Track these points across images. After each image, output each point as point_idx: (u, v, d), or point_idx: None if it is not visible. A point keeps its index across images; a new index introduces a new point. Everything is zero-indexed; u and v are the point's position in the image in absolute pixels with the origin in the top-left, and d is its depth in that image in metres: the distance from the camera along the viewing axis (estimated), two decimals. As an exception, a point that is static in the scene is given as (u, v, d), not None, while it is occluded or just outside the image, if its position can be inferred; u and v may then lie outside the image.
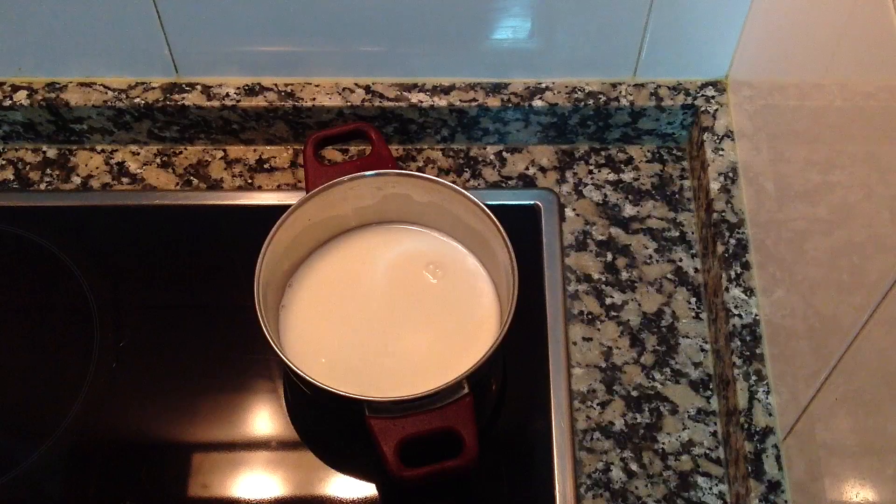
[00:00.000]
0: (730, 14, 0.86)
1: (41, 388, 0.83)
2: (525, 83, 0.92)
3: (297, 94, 0.92)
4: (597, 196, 0.92)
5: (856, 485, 0.63)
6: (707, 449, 0.80)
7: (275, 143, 0.96)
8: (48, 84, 0.93)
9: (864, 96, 0.63)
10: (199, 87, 0.92)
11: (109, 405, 0.82)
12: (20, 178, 0.94)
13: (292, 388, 0.82)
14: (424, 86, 0.92)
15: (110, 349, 0.84)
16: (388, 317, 0.81)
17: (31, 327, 0.86)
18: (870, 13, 0.61)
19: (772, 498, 0.73)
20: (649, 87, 0.92)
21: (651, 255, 0.89)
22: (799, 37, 0.75)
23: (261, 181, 0.94)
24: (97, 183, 0.94)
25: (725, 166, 0.87)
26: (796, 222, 0.74)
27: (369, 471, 0.78)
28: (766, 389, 0.77)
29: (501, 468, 0.79)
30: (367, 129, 0.83)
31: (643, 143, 0.95)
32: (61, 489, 0.79)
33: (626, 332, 0.85)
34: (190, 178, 0.94)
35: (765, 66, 0.83)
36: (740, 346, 0.78)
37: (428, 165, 0.94)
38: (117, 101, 0.92)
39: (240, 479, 0.78)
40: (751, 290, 0.81)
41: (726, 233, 0.84)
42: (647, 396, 0.82)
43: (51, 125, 0.94)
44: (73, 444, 0.80)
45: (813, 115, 0.71)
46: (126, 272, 0.89)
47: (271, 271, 0.77)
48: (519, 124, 0.93)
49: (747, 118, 0.86)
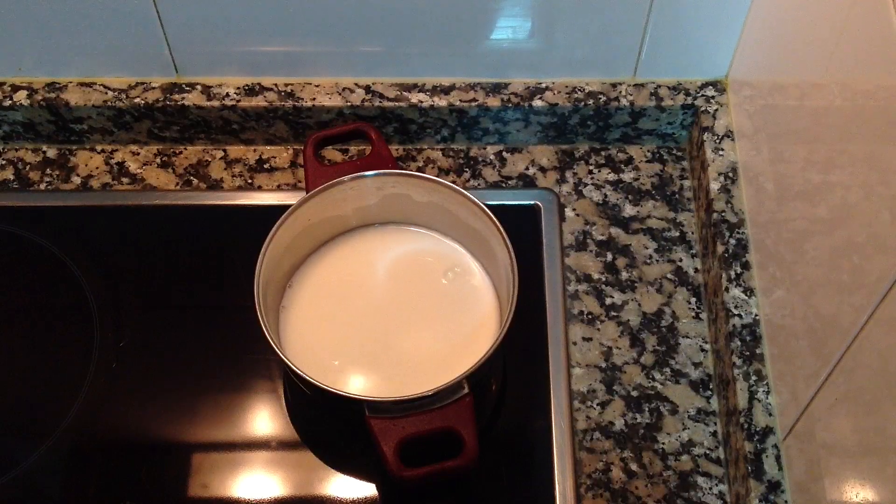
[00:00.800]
0: (730, 14, 0.86)
1: (41, 388, 0.83)
2: (525, 83, 0.92)
3: (297, 94, 0.92)
4: (597, 196, 0.92)
5: (856, 485, 0.63)
6: (707, 449, 0.80)
7: (275, 143, 0.96)
8: (48, 84, 0.93)
9: (864, 96, 0.63)
10: (199, 87, 0.92)
11: (109, 405, 0.82)
12: (20, 178, 0.94)
13: (292, 388, 0.82)
14: (424, 86, 0.92)
15: (110, 349, 0.84)
16: (388, 317, 0.81)
17: (31, 327, 0.86)
18: (870, 13, 0.61)
19: (772, 498, 0.73)
20: (649, 87, 0.92)
21: (651, 255, 0.89)
22: (799, 37, 0.75)
23: (261, 181, 0.94)
24: (97, 183, 0.94)
25: (725, 166, 0.87)
26: (796, 222, 0.74)
27: (369, 471, 0.78)
28: (766, 389, 0.77)
29: (501, 468, 0.79)
30: (367, 129, 0.83)
31: (643, 143, 0.95)
32: (61, 489, 0.79)
33: (626, 332, 0.85)
34: (190, 178, 0.94)
35: (765, 66, 0.83)
36: (740, 346, 0.78)
37: (428, 165, 0.94)
38: (117, 101, 0.92)
39: (240, 479, 0.78)
40: (751, 290, 0.81)
41: (726, 233, 0.84)
42: (647, 396, 0.82)
43: (51, 125, 0.94)
44: (73, 444, 0.80)
45: (813, 115, 0.71)
46: (126, 272, 0.89)
47: (271, 271, 0.77)
48: (519, 124, 0.93)
49: (747, 118, 0.86)
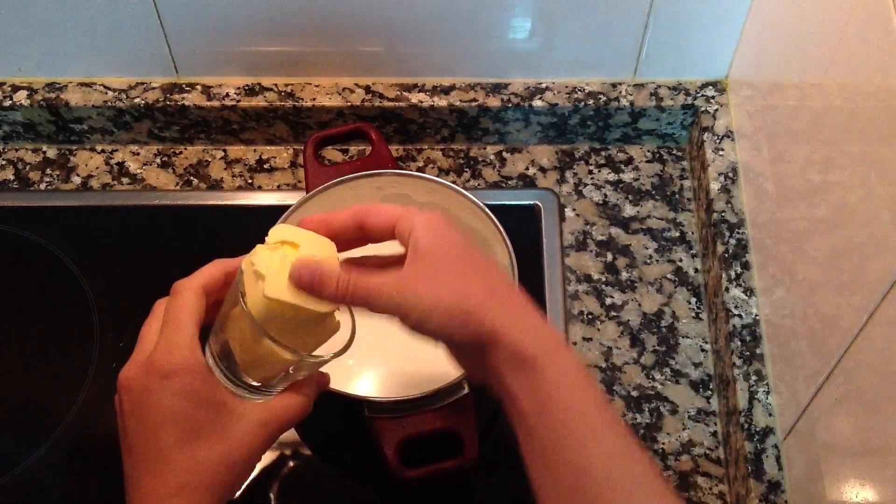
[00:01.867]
0: (730, 14, 0.86)
1: (41, 388, 0.83)
2: (525, 83, 0.92)
3: (297, 94, 0.92)
4: (597, 196, 0.92)
5: (856, 485, 0.63)
6: (707, 449, 0.80)
7: (275, 143, 0.96)
8: (48, 84, 0.93)
9: (864, 96, 0.63)
10: (199, 87, 0.92)
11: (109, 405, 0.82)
12: (20, 178, 0.94)
13: (292, 388, 0.82)
14: (424, 86, 0.92)
15: (110, 349, 0.84)
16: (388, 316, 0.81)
17: (31, 327, 0.86)
18: (870, 13, 0.61)
19: (772, 498, 0.73)
20: (649, 87, 0.92)
21: (651, 255, 0.89)
22: (799, 37, 0.75)
23: (261, 181, 0.94)
24: (97, 183, 0.94)
25: (725, 166, 0.87)
26: (796, 222, 0.74)
27: (369, 471, 0.78)
28: (766, 389, 0.77)
29: (501, 468, 0.78)
30: (367, 129, 0.83)
31: (643, 143, 0.95)
32: (61, 489, 0.79)
33: (626, 333, 0.85)
34: (190, 178, 0.94)
35: (765, 66, 0.83)
36: (740, 346, 0.78)
37: (428, 165, 0.94)
38: (117, 101, 0.92)
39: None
40: (751, 290, 0.81)
41: (726, 233, 0.84)
42: (647, 396, 0.82)
43: (51, 125, 0.94)
44: (73, 444, 0.80)
45: (813, 115, 0.71)
46: (126, 272, 0.89)
47: (271, 271, 0.77)
48: (519, 124, 0.93)
49: (747, 118, 0.86)
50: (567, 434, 0.51)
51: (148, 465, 0.56)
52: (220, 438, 0.56)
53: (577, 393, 0.52)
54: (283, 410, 0.59)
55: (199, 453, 0.56)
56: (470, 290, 0.54)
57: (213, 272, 0.61)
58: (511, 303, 0.55)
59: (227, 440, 0.57)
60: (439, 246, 0.55)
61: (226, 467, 0.56)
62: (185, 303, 0.59)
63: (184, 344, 0.57)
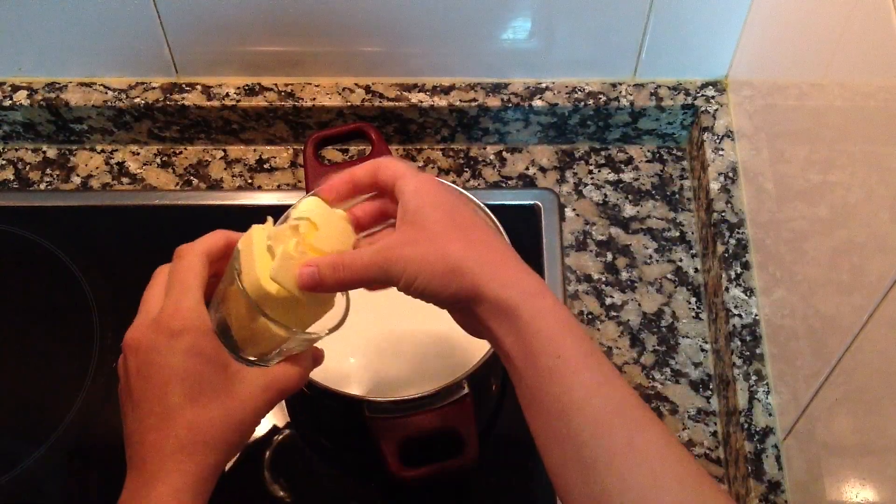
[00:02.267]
0: (730, 14, 0.86)
1: (41, 388, 0.83)
2: (525, 83, 0.92)
3: (297, 94, 0.92)
4: (597, 196, 0.92)
5: (856, 485, 0.63)
6: (707, 449, 0.80)
7: (275, 143, 0.96)
8: (48, 84, 0.93)
9: (864, 96, 0.63)
10: (199, 87, 0.92)
11: (109, 405, 0.82)
12: (20, 178, 0.94)
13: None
14: (424, 86, 0.92)
15: (110, 349, 0.84)
16: (388, 317, 0.81)
17: (31, 327, 0.86)
18: (870, 13, 0.61)
19: (772, 498, 0.73)
20: (649, 87, 0.92)
21: (651, 255, 0.89)
22: (799, 37, 0.75)
23: (261, 181, 0.94)
24: (97, 183, 0.94)
25: (725, 166, 0.87)
26: (796, 222, 0.74)
27: (369, 471, 0.78)
28: (766, 389, 0.77)
29: (501, 468, 0.79)
30: (367, 129, 0.83)
31: (643, 143, 0.95)
32: (61, 489, 0.79)
33: (626, 332, 0.85)
34: (190, 178, 0.94)
35: (765, 66, 0.83)
36: (740, 346, 0.78)
37: (428, 165, 0.94)
38: (117, 101, 0.92)
39: (240, 479, 0.78)
40: (751, 290, 0.81)
41: (726, 233, 0.84)
42: (647, 396, 0.82)
43: (51, 125, 0.94)
44: (73, 444, 0.80)
45: (813, 115, 0.71)
46: (126, 272, 0.88)
47: (271, 271, 0.77)
48: (519, 124, 0.93)
49: (747, 118, 0.86)
50: (549, 375, 0.54)
51: (154, 422, 0.57)
52: (226, 398, 0.57)
53: (556, 336, 0.54)
54: (283, 377, 0.60)
55: (205, 411, 0.57)
56: (450, 249, 0.56)
57: (217, 240, 0.62)
58: (491, 257, 0.56)
59: (231, 399, 0.58)
60: (424, 209, 0.57)
61: (230, 426, 0.57)
62: (191, 265, 0.60)
63: (191, 304, 0.58)
